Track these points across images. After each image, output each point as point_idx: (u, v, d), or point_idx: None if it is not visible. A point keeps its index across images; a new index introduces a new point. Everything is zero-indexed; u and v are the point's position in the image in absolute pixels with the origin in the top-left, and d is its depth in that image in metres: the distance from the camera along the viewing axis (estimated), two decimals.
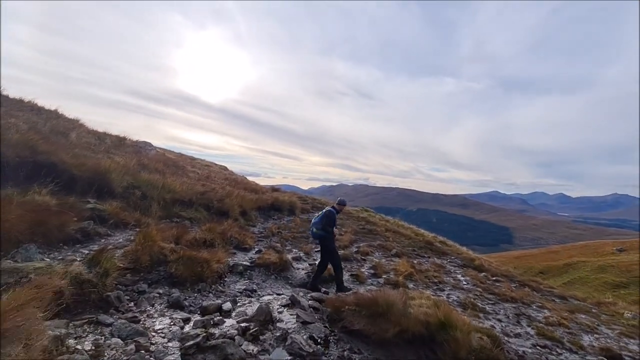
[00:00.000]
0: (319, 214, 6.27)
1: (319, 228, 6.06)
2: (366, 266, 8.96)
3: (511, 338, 6.24)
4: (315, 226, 6.10)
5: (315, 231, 6.10)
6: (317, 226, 6.08)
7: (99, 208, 5.74)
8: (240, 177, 22.13)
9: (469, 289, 9.23)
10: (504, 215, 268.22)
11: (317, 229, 6.07)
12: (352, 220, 16.35)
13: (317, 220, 6.13)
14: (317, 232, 6.07)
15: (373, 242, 12.78)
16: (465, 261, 13.15)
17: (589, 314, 9.65)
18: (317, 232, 6.07)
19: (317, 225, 6.08)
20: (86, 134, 10.58)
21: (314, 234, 6.15)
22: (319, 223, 6.06)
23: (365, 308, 4.16)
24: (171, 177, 9.15)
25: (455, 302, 7.65)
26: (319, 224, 6.06)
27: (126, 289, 3.78)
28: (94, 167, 6.77)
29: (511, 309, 8.23)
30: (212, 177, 13.30)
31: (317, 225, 6.08)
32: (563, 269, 47.32)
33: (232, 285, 5.26)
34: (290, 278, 6.42)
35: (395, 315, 3.96)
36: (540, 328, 7.09)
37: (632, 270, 40.22)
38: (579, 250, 57.12)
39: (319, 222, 6.06)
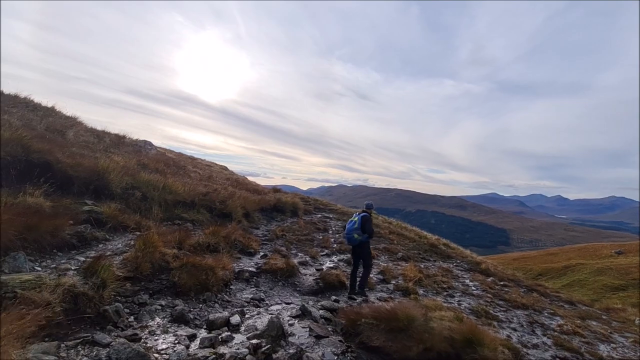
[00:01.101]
0: (354, 220, 6.23)
1: (359, 234, 6.09)
2: (374, 271, 8.64)
3: (529, 349, 5.95)
4: (356, 232, 6.08)
5: (356, 237, 6.09)
6: (357, 232, 6.08)
7: (97, 210, 5.40)
8: (242, 177, 21.78)
9: (479, 294, 8.94)
10: (501, 217, 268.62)
11: (358, 235, 6.09)
12: None
13: (357, 226, 6.08)
14: (358, 237, 6.09)
15: (378, 245, 12.47)
16: (471, 265, 12.87)
17: (600, 320, 9.38)
18: (358, 238, 6.10)
19: (357, 231, 6.08)
20: (84, 132, 10.23)
21: (355, 239, 6.12)
22: (359, 229, 6.06)
23: (384, 322, 3.86)
24: (172, 178, 8.82)
25: (468, 310, 7.36)
26: (359, 229, 6.06)
27: (126, 300, 3.45)
28: (91, 167, 6.44)
29: (523, 316, 7.95)
30: (214, 177, 12.97)
31: (357, 230, 6.07)
32: (562, 272, 47.20)
33: (238, 293, 4.95)
34: (298, 285, 6.11)
35: (417, 331, 3.65)
36: (556, 337, 6.83)
37: (630, 273, 40.09)
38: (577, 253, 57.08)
39: (359, 228, 6.06)
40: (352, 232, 6.13)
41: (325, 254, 9.26)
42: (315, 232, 11.58)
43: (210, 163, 22.66)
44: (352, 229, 6.15)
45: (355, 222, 6.18)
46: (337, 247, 10.23)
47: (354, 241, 6.16)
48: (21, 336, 1.85)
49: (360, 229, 6.09)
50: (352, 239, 6.16)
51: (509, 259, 58.79)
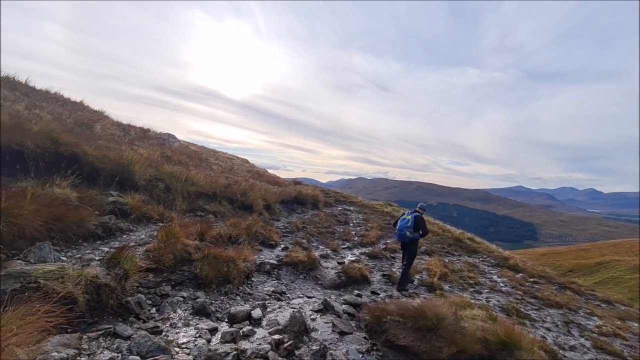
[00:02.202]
0: (407, 218, 6.58)
1: (411, 232, 6.47)
2: (397, 265, 8.40)
3: (566, 352, 5.58)
4: (408, 230, 6.47)
5: (408, 234, 6.48)
6: (409, 230, 6.46)
7: (121, 201, 5.48)
8: (262, 170, 21.92)
9: (508, 291, 8.52)
10: (528, 211, 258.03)
11: (410, 233, 6.48)
12: (376, 215, 15.77)
13: (410, 225, 6.46)
14: (410, 235, 6.49)
15: None
16: (499, 260, 12.34)
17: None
18: (410, 236, 6.49)
19: (409, 229, 6.46)
20: (110, 125, 10.50)
21: (406, 237, 6.51)
22: (412, 227, 6.45)
23: (412, 320, 3.65)
24: (194, 170, 8.89)
25: (497, 308, 7.01)
26: (411, 228, 6.45)
27: (148, 291, 3.44)
28: (116, 159, 6.54)
29: (557, 315, 7.50)
30: (235, 169, 13.04)
31: (410, 229, 6.46)
32: (594, 268, 44.81)
33: (259, 286, 4.88)
34: (320, 278, 5.99)
35: (447, 331, 3.43)
36: (595, 339, 6.39)
37: None
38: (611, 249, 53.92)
39: (412, 227, 6.45)
40: (405, 229, 6.49)
41: (347, 247, 9.10)
42: (336, 225, 11.44)
43: (232, 156, 22.93)
44: (404, 227, 6.50)
45: (408, 220, 6.51)
46: (358, 240, 10.04)
47: (405, 238, 6.54)
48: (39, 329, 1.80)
49: (413, 228, 6.45)
50: (403, 236, 6.54)
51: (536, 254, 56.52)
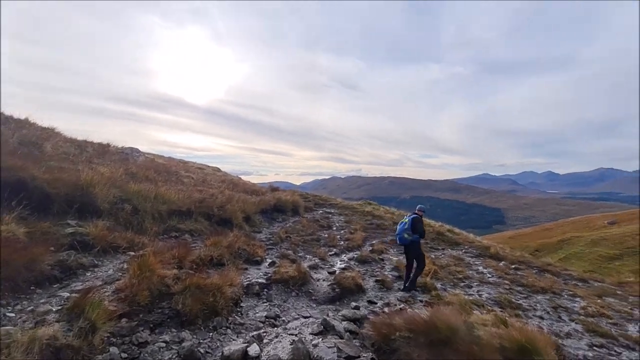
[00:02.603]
0: (405, 221, 6.60)
1: (410, 234, 6.46)
2: (387, 267, 8.22)
3: (564, 339, 5.61)
4: (406, 232, 6.46)
5: (406, 237, 6.47)
6: (407, 232, 6.45)
7: (82, 232, 4.78)
8: (237, 177, 21.11)
9: (496, 282, 8.61)
10: (495, 197, 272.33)
11: (409, 235, 6.46)
12: (358, 216, 15.62)
13: (408, 227, 6.45)
14: (409, 237, 6.46)
15: (384, 237, 12.07)
16: (480, 250, 12.60)
17: (617, 296, 9.17)
18: (408, 238, 6.46)
19: (407, 231, 6.45)
20: (63, 143, 9.46)
21: (405, 239, 6.51)
22: (409, 229, 6.43)
23: (423, 334, 3.39)
24: (164, 185, 8.19)
25: (491, 301, 7.00)
26: (409, 229, 6.44)
27: (122, 341, 2.90)
28: (72, 181, 5.78)
29: (545, 301, 7.64)
30: (208, 180, 12.31)
31: (408, 231, 6.45)
32: (558, 245, 47.89)
33: (250, 312, 4.42)
34: (313, 293, 5.61)
35: (462, 342, 3.19)
36: (584, 322, 6.53)
37: (624, 242, 40.81)
38: (571, 226, 58.02)
39: (409, 229, 6.43)
40: (403, 232, 6.50)
41: (334, 254, 8.79)
42: (319, 231, 11.11)
43: (203, 165, 21.91)
44: (402, 230, 6.52)
45: (405, 222, 6.54)
46: (344, 245, 9.77)
47: (404, 241, 6.53)
48: None
49: (411, 229, 6.44)
50: (402, 239, 6.54)
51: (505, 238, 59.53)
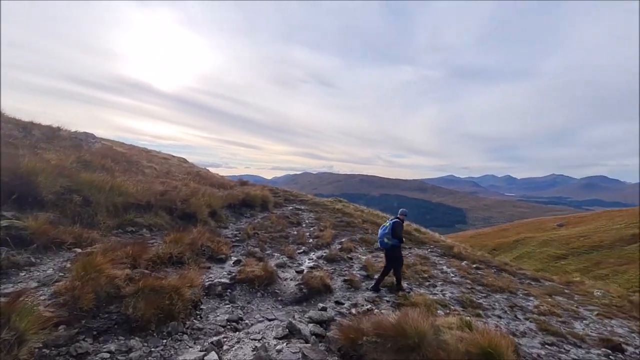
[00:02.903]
0: (386, 225, 6.70)
1: (389, 238, 6.52)
2: (355, 266, 8.19)
3: (519, 338, 5.86)
4: (386, 237, 6.53)
5: (386, 241, 6.55)
6: (387, 236, 6.52)
7: (17, 225, 4.19)
8: (204, 170, 20.25)
9: (459, 282, 8.89)
10: (458, 198, 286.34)
11: (389, 239, 6.53)
12: (328, 213, 15.56)
13: (388, 231, 6.52)
14: (389, 242, 6.53)
15: (354, 235, 12.10)
16: (445, 249, 13.02)
17: (565, 295, 9.84)
18: (389, 242, 6.53)
19: (387, 235, 6.52)
20: (4, 124, 8.45)
21: (385, 244, 6.59)
22: (389, 234, 6.49)
23: (391, 340, 3.32)
24: (122, 176, 7.54)
25: (454, 300, 7.19)
26: (389, 234, 6.50)
27: (57, 352, 2.54)
28: (11, 169, 5.11)
29: (503, 300, 7.98)
30: (173, 172, 11.60)
31: (388, 235, 6.52)
32: (513, 245, 51.21)
33: (211, 315, 4.14)
34: (279, 293, 5.41)
35: (430, 348, 3.16)
36: (538, 321, 6.88)
37: (570, 243, 44.51)
38: (525, 227, 62.39)
39: (389, 233, 6.49)
40: (384, 237, 6.59)
41: (303, 252, 8.62)
42: (289, 227, 10.89)
43: (168, 156, 20.77)
44: (383, 234, 6.61)
45: (386, 227, 6.63)
46: (313, 243, 9.64)
47: (384, 245, 6.62)
48: None
49: (391, 234, 6.51)
50: (382, 243, 6.65)
51: (466, 237, 62.67)
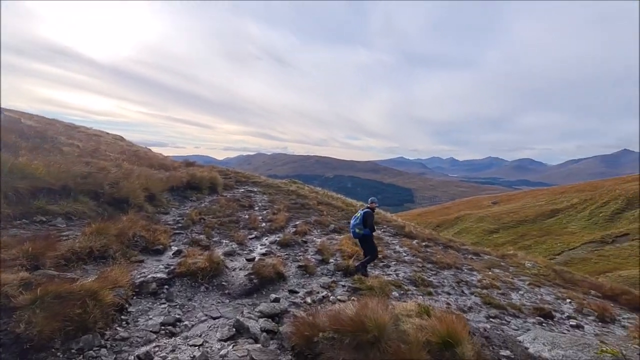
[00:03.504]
0: (357, 215, 6.74)
1: (361, 228, 6.60)
2: (310, 250, 7.90)
3: (467, 314, 6.07)
4: (358, 227, 6.62)
5: (358, 231, 6.64)
6: (359, 227, 6.61)
7: None
8: (144, 149, 18.29)
9: (411, 260, 9.11)
10: (407, 178, 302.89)
11: (360, 229, 6.62)
12: (282, 195, 15.05)
13: (359, 222, 6.60)
14: (360, 232, 6.62)
15: (308, 218, 11.81)
16: (397, 229, 13.37)
17: (501, 267, 10.68)
18: (360, 232, 6.63)
19: (359, 226, 6.61)
20: None
21: (357, 234, 6.70)
22: (361, 224, 6.58)
23: (349, 335, 3.03)
24: (29, 155, 6.20)
25: (407, 280, 7.28)
26: (360, 224, 6.59)
27: None
28: None
29: (451, 276, 8.32)
30: (102, 150, 10.06)
31: (359, 225, 6.60)
32: (454, 222, 55.76)
33: (141, 319, 3.50)
34: (227, 285, 4.88)
35: (390, 341, 2.92)
36: (481, 295, 7.26)
37: (502, 219, 49.60)
38: (465, 205, 68.33)
39: (361, 224, 6.58)
40: (355, 227, 6.68)
41: (255, 237, 8.09)
42: (239, 211, 10.21)
43: (100, 132, 18.32)
44: (355, 224, 6.69)
45: (358, 217, 6.69)
46: (266, 227, 9.13)
47: (356, 235, 6.73)
48: None
49: (362, 224, 6.59)
50: (355, 233, 6.74)
51: (414, 215, 66.79)
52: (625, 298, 9.00)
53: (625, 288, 10.18)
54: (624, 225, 34.40)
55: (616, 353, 4.28)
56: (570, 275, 11.09)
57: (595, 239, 33.58)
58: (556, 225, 41.77)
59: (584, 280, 10.82)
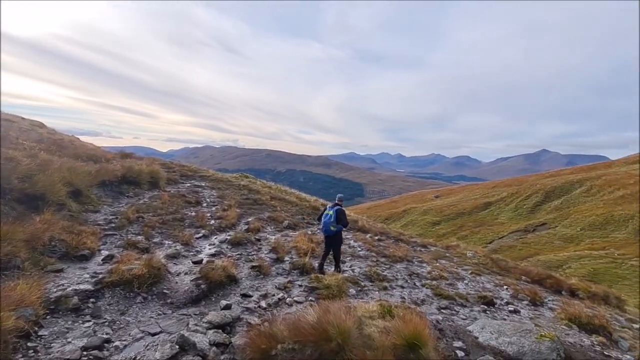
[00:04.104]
0: (329, 213, 6.70)
1: (335, 225, 6.64)
2: (264, 249, 7.49)
3: (421, 307, 6.20)
4: (332, 225, 6.63)
5: (332, 229, 6.66)
6: (333, 224, 6.63)
7: None
8: (69, 137, 16.00)
9: (366, 255, 9.17)
10: (358, 173, 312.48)
11: (334, 227, 6.65)
12: (232, 190, 14.27)
13: (333, 220, 6.61)
14: (334, 229, 6.66)
15: (261, 214, 11.33)
16: (351, 224, 13.48)
17: (446, 258, 11.31)
18: (334, 229, 6.67)
19: (332, 224, 6.63)
20: None
21: (331, 231, 6.68)
22: (334, 222, 6.61)
23: (310, 345, 2.76)
24: None
25: (363, 276, 7.25)
26: (334, 222, 6.62)
27: None
28: None
29: (403, 269, 8.52)
30: (13, 138, 8.36)
31: (333, 223, 6.63)
32: (401, 215, 58.91)
33: (56, 343, 2.84)
34: (170, 293, 4.30)
35: (356, 349, 2.72)
36: (431, 286, 7.50)
37: (443, 211, 53.54)
38: (411, 199, 72.59)
39: (334, 221, 6.61)
40: (329, 225, 6.67)
41: (203, 236, 7.44)
42: (185, 208, 9.36)
43: (12, 117, 15.56)
44: (328, 222, 6.68)
45: (330, 215, 6.68)
46: (216, 225, 8.49)
47: (330, 232, 6.72)
48: None
49: (336, 221, 6.64)
50: (328, 231, 6.71)
51: (364, 209, 69.11)
52: (549, 282, 10.06)
53: (549, 273, 11.43)
54: (542, 215, 39.30)
55: (552, 337, 4.61)
56: (504, 263, 12.15)
57: (519, 228, 37.90)
58: (489, 216, 46.32)
59: (516, 267, 11.93)
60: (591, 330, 5.93)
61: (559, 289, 9.70)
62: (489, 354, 4.25)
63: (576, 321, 6.19)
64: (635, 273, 21.17)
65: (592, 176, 43.72)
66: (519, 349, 4.37)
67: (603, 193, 37.58)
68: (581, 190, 40.51)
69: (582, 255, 25.22)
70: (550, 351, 4.33)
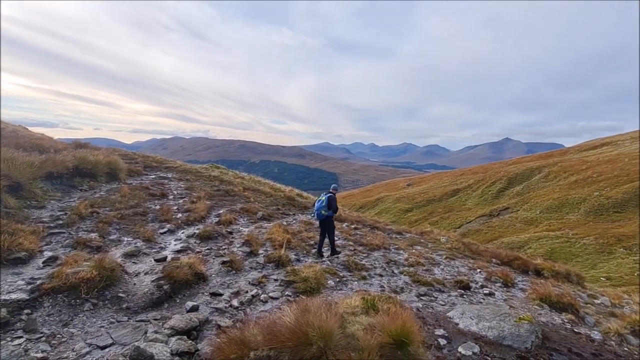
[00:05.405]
0: (322, 199, 7.23)
1: (326, 210, 7.13)
2: (237, 242, 7.03)
3: (399, 294, 6.07)
4: (323, 209, 7.14)
5: (323, 213, 7.14)
6: (324, 209, 7.13)
7: None
8: (13, 126, 14.35)
9: (343, 244, 8.96)
10: (332, 163, 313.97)
11: (325, 211, 7.13)
12: (202, 181, 13.52)
13: (324, 205, 7.14)
14: (325, 213, 7.14)
15: (234, 205, 10.78)
16: None
17: (421, 244, 11.40)
18: (325, 214, 7.15)
19: (324, 208, 7.14)
20: None
21: (322, 215, 7.17)
22: (326, 207, 7.13)
23: (288, 350, 2.43)
24: None
25: (341, 266, 7.03)
26: (325, 207, 7.13)
27: None
28: None
29: (381, 257, 8.41)
30: None
31: (324, 208, 7.13)
32: (375, 203, 59.92)
33: None
34: (125, 297, 3.78)
35: (339, 351, 2.42)
36: (410, 273, 7.43)
37: (415, 199, 54.99)
38: (384, 187, 74.00)
39: (326, 206, 7.13)
40: (321, 209, 7.15)
41: (168, 231, 6.84)
42: (148, 201, 8.63)
43: None
44: (320, 207, 7.17)
45: (323, 201, 7.17)
46: (183, 218, 7.88)
47: (321, 216, 7.21)
48: None
49: (327, 206, 7.12)
50: (320, 215, 7.19)
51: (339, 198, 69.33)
52: (517, 263, 10.41)
53: (516, 254, 11.87)
54: (505, 201, 41.40)
55: (530, 319, 4.62)
56: (475, 247, 12.48)
57: (485, 213, 39.72)
58: (457, 203, 48.15)
59: (486, 250, 12.29)
60: (561, 309, 6.08)
61: (526, 269, 10.06)
62: (470, 340, 4.16)
63: (547, 300, 6.33)
64: (587, 251, 22.85)
65: (549, 163, 46.51)
66: (499, 333, 4.33)
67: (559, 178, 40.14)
68: (540, 176, 43.03)
69: (540, 236, 26.83)
70: (529, 334, 4.32)
